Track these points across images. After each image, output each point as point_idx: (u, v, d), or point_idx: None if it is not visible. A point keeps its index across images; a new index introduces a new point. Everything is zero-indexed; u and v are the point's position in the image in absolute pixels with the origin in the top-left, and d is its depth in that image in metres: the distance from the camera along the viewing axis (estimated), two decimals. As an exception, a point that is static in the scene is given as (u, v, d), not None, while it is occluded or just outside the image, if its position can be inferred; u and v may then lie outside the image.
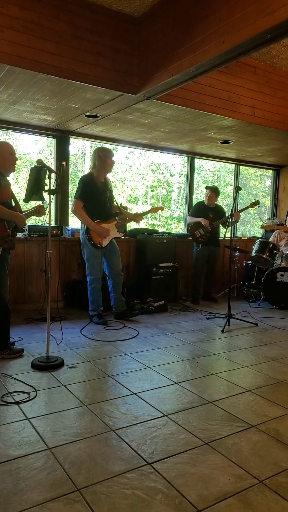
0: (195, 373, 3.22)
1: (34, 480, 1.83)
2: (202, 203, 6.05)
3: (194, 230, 5.92)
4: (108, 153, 4.54)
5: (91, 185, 4.51)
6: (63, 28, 3.63)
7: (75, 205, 4.51)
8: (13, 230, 3.35)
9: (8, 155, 3.39)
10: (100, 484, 1.81)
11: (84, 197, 4.48)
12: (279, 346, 4.01)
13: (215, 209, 6.02)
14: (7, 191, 3.38)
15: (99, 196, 4.57)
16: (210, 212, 5.94)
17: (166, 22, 3.68)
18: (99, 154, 4.52)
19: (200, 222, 5.84)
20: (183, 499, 1.73)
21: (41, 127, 5.41)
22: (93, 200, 4.52)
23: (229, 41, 3.04)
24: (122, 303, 4.85)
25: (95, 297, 4.67)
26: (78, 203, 4.49)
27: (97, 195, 4.56)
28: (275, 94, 5.00)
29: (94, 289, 4.65)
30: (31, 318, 4.74)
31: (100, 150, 4.57)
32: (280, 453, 2.10)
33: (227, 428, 2.35)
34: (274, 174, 8.11)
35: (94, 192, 4.53)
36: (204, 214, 5.90)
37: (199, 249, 5.91)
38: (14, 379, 2.97)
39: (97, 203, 4.55)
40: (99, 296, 4.70)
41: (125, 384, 2.95)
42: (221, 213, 6.05)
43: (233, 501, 1.73)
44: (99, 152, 4.54)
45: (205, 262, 5.99)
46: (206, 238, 5.85)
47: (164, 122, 5.05)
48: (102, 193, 4.60)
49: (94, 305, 4.69)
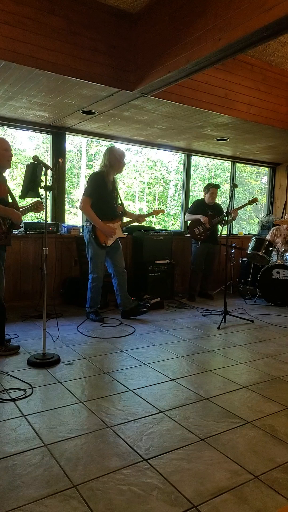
0: (191, 370, 3.23)
1: (31, 477, 1.83)
2: (201, 201, 6.04)
3: (193, 227, 5.92)
4: (123, 154, 4.52)
5: (102, 184, 4.47)
6: (59, 23, 3.62)
7: (84, 203, 4.46)
8: (9, 227, 3.34)
9: (3, 151, 3.37)
10: (96, 481, 1.82)
11: (94, 195, 4.44)
12: (274, 343, 4.03)
13: (214, 206, 6.02)
14: (3, 187, 3.36)
15: (108, 195, 4.54)
16: (209, 209, 5.94)
17: (162, 18, 3.67)
18: (114, 155, 4.47)
19: (199, 220, 5.84)
20: (179, 494, 1.74)
21: (37, 123, 5.38)
22: (101, 199, 4.48)
23: (226, 38, 3.04)
24: (129, 301, 4.81)
25: (95, 295, 4.66)
26: (87, 200, 4.45)
27: (106, 194, 4.52)
28: (272, 91, 5.00)
29: (95, 288, 4.63)
30: (27, 315, 4.73)
31: (116, 150, 4.53)
32: (276, 449, 2.12)
33: (223, 424, 2.36)
34: (270, 171, 8.12)
35: (104, 191, 4.49)
36: (203, 211, 5.90)
37: (198, 246, 5.91)
38: (10, 376, 2.97)
39: (105, 202, 4.52)
40: (99, 295, 4.69)
41: (121, 381, 2.95)
42: (219, 210, 6.05)
43: (228, 496, 1.74)
44: (114, 152, 4.49)
45: (203, 260, 6.00)
46: (205, 235, 5.85)
47: (161, 119, 5.04)
48: (110, 193, 4.57)
49: (92, 302, 4.68)
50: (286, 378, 3.11)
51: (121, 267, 4.74)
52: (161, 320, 4.81)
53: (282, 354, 3.69)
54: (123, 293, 4.77)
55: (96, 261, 4.57)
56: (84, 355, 3.50)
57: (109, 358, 3.44)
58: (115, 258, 4.71)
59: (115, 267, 4.73)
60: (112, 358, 3.45)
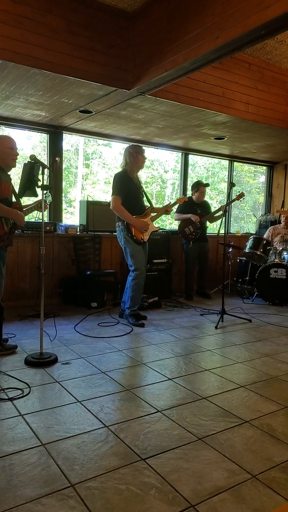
0: (189, 369, 3.23)
1: (28, 476, 1.83)
2: (189, 200, 6.00)
3: (183, 227, 5.88)
4: (139, 149, 4.51)
5: (128, 181, 4.47)
6: (57, 23, 3.61)
7: (115, 202, 4.41)
8: (11, 228, 3.29)
9: (7, 149, 3.26)
10: (93, 480, 1.82)
11: (123, 193, 4.42)
12: (272, 342, 4.03)
13: (202, 204, 6.00)
14: (7, 186, 3.28)
15: (136, 191, 4.54)
16: (197, 208, 5.91)
17: (160, 17, 3.66)
18: (130, 151, 4.48)
19: (189, 219, 5.81)
20: (177, 494, 1.74)
21: (34, 122, 5.37)
22: (131, 196, 4.47)
23: (223, 37, 3.04)
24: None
25: (137, 293, 4.55)
26: (117, 199, 4.41)
27: (134, 190, 4.52)
28: (269, 90, 5.00)
29: (137, 285, 4.52)
30: (24, 314, 4.72)
31: (131, 147, 4.53)
32: (273, 448, 2.12)
33: (220, 424, 2.36)
34: (268, 170, 8.13)
35: (132, 187, 4.49)
36: (193, 210, 5.87)
37: (190, 246, 5.88)
38: (7, 375, 2.96)
39: (134, 199, 4.51)
40: (141, 294, 4.61)
41: (118, 380, 2.95)
42: (207, 208, 6.04)
43: (226, 495, 1.74)
44: (130, 149, 4.50)
45: (196, 259, 5.99)
46: (196, 234, 5.82)
47: (158, 118, 5.03)
48: (137, 189, 4.57)
49: (133, 302, 4.56)
50: (284, 377, 3.12)
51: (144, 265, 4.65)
52: (159, 319, 4.81)
53: (280, 353, 3.70)
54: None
55: (137, 257, 4.49)
56: (82, 354, 3.49)
57: (107, 358, 3.44)
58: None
59: None
60: (110, 358, 3.44)
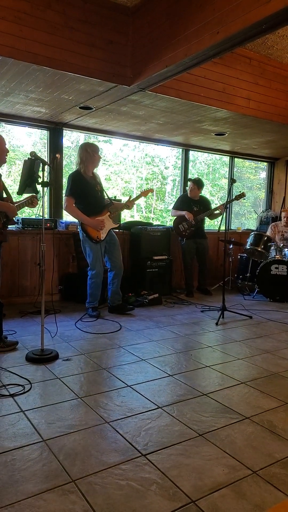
0: (189, 366, 3.23)
1: (29, 472, 1.84)
2: (186, 196, 5.96)
3: (177, 223, 5.86)
4: (95, 148, 4.53)
5: (81, 181, 4.49)
6: (56, 18, 3.59)
7: (67, 203, 4.48)
8: (4, 222, 3.31)
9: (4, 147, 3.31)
10: (94, 475, 1.82)
11: (75, 193, 4.45)
12: (273, 339, 4.04)
13: (200, 201, 5.94)
14: None
15: (90, 190, 4.55)
16: (194, 205, 5.87)
17: (160, 12, 3.64)
18: (86, 149, 4.49)
19: (184, 216, 5.79)
20: (177, 489, 1.74)
21: (34, 119, 5.36)
22: (85, 196, 4.50)
23: (224, 32, 3.02)
24: (119, 297, 4.84)
25: (94, 291, 4.68)
26: (69, 200, 4.46)
27: (89, 190, 4.53)
28: (270, 85, 4.97)
29: (94, 284, 4.64)
30: (25, 311, 4.72)
31: (87, 145, 4.55)
32: (274, 444, 2.12)
33: (221, 420, 2.36)
34: (269, 166, 8.11)
35: (85, 187, 4.50)
36: (188, 207, 5.84)
37: (184, 243, 5.86)
38: (8, 372, 2.97)
39: (89, 198, 4.53)
40: (98, 291, 4.70)
41: (119, 377, 2.95)
42: (206, 205, 5.98)
43: (227, 491, 1.74)
44: (86, 147, 4.51)
45: (193, 255, 5.97)
46: (190, 232, 5.79)
47: (159, 114, 5.02)
48: (93, 188, 4.58)
49: (92, 298, 4.70)
50: (285, 373, 3.12)
51: (118, 262, 4.76)
52: (159, 316, 4.81)
53: (281, 349, 3.70)
54: (114, 288, 4.80)
55: (94, 257, 4.57)
56: (82, 351, 3.50)
57: (107, 354, 3.44)
58: (113, 253, 4.73)
59: (112, 262, 4.76)
60: (110, 354, 3.45)
